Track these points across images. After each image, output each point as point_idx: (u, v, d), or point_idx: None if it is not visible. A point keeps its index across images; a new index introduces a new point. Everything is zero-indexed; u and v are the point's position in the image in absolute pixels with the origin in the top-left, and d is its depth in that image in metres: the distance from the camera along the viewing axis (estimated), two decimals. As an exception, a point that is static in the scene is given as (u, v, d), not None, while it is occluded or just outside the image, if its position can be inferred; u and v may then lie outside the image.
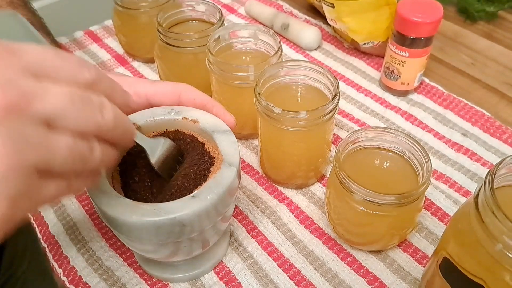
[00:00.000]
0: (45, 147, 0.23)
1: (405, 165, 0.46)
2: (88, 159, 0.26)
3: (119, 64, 0.72)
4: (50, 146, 0.24)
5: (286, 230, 0.50)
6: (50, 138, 0.24)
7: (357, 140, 0.46)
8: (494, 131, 0.59)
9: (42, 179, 0.24)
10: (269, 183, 0.55)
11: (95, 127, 0.26)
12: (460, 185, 0.53)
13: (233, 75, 0.52)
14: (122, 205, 0.35)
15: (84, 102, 0.25)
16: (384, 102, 0.64)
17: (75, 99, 0.25)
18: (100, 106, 0.27)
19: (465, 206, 0.36)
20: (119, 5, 0.66)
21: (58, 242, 0.49)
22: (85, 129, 0.26)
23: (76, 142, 0.25)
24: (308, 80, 0.51)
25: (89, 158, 0.26)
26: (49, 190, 0.25)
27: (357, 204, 0.42)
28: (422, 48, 0.59)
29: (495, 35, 0.75)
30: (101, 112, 0.26)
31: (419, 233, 0.49)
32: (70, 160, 0.25)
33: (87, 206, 0.52)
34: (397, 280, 0.45)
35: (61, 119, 0.24)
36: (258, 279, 0.46)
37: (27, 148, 0.22)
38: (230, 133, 0.41)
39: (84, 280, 0.46)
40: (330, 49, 0.74)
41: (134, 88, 0.42)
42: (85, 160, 0.26)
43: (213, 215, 0.37)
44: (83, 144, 0.26)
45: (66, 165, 0.25)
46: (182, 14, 0.64)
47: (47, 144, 0.23)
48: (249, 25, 0.57)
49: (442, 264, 0.37)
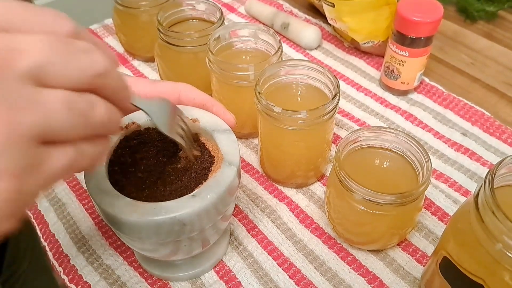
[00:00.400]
0: (38, 107, 0.20)
1: (405, 164, 0.46)
2: (90, 116, 0.23)
3: (119, 63, 0.72)
4: (43, 105, 0.20)
5: (286, 229, 0.50)
6: (41, 95, 0.21)
7: (357, 139, 0.46)
8: (493, 130, 0.59)
9: (45, 147, 0.21)
10: (269, 182, 0.55)
11: (87, 72, 0.23)
12: (459, 184, 0.54)
13: (233, 74, 0.52)
14: (122, 204, 0.35)
15: (67, 47, 0.22)
16: (384, 102, 0.64)
17: (58, 46, 0.21)
18: (88, 48, 0.23)
19: (465, 205, 0.36)
20: (119, 4, 0.66)
21: (59, 241, 0.49)
22: (77, 77, 0.22)
23: (72, 96, 0.22)
24: (308, 79, 0.52)
25: (91, 114, 0.23)
26: (57, 159, 0.22)
27: (357, 203, 0.42)
28: (422, 47, 0.59)
29: (495, 34, 0.75)
30: (90, 55, 0.23)
31: (418, 233, 0.49)
32: (70, 118, 0.22)
33: (88, 205, 0.53)
34: (396, 279, 0.45)
35: (48, 70, 0.21)
36: (258, 278, 0.46)
37: (17, 112, 0.20)
38: (230, 132, 0.41)
39: (84, 279, 0.46)
40: (330, 48, 0.74)
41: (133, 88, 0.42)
42: (87, 117, 0.23)
43: (213, 214, 0.37)
44: (81, 99, 0.22)
45: (67, 125, 0.22)
46: (183, 13, 0.64)
47: (38, 103, 0.20)
48: (250, 25, 0.57)
49: (441, 264, 0.37)
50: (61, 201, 0.53)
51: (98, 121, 0.23)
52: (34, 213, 0.52)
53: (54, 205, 0.53)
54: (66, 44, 0.22)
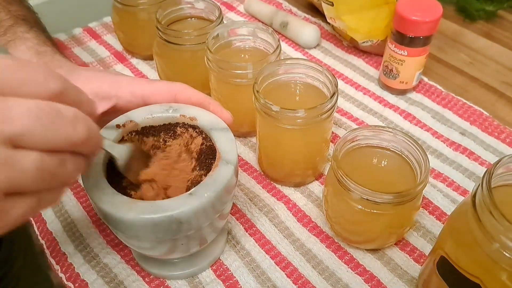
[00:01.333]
0: (10, 168, 0.22)
1: (403, 163, 0.46)
2: (58, 174, 0.25)
3: (118, 61, 0.72)
4: (16, 166, 0.23)
5: (284, 228, 0.50)
6: (15, 157, 0.22)
7: (355, 138, 0.46)
8: (492, 130, 0.59)
9: (10, 198, 0.23)
10: (267, 181, 0.55)
11: (67, 142, 0.25)
12: (457, 184, 0.54)
13: (232, 72, 0.52)
14: (119, 202, 0.35)
15: (52, 117, 0.24)
16: (382, 101, 0.64)
17: (41, 115, 0.23)
18: (73, 118, 0.25)
19: (463, 205, 0.36)
20: (118, 2, 0.66)
21: (56, 239, 0.49)
22: (55, 145, 0.24)
23: (45, 159, 0.24)
24: (307, 78, 0.51)
25: (59, 173, 0.25)
26: (19, 208, 0.24)
27: (355, 202, 0.42)
28: (421, 47, 0.59)
29: (494, 34, 0.75)
30: (73, 125, 0.25)
31: (416, 232, 0.49)
32: (39, 178, 0.24)
33: (85, 203, 0.52)
34: (394, 278, 0.45)
35: (27, 138, 0.23)
36: (256, 277, 0.46)
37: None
38: (228, 131, 0.41)
39: (82, 277, 0.46)
40: (329, 47, 0.73)
41: (130, 88, 0.42)
42: (55, 175, 0.25)
43: (211, 212, 0.37)
44: (53, 160, 0.24)
45: (35, 183, 0.24)
46: (181, 12, 0.64)
47: (12, 164, 0.22)
48: (248, 23, 0.57)
49: (439, 263, 0.37)
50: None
51: (67, 176, 0.26)
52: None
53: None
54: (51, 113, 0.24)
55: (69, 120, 0.25)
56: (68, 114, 0.25)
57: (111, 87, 0.42)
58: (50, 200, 0.26)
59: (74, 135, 0.25)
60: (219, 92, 0.57)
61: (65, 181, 0.26)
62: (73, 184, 0.29)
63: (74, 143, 0.25)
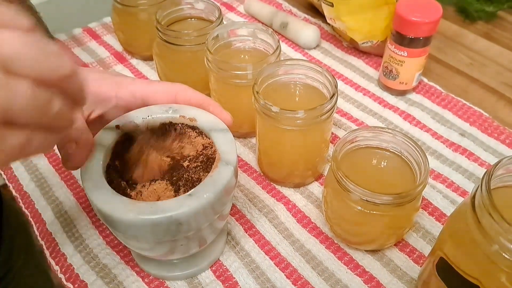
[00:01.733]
0: (5, 91, 0.23)
1: (403, 164, 0.46)
2: (47, 108, 0.25)
3: (117, 62, 0.72)
4: (10, 90, 0.23)
5: (283, 229, 0.50)
6: (8, 81, 0.23)
7: (355, 139, 0.46)
8: (492, 131, 0.59)
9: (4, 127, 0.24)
10: (267, 181, 0.55)
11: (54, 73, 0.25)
12: (457, 185, 0.54)
13: (232, 73, 0.52)
14: (118, 202, 0.35)
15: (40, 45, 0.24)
16: (382, 102, 0.64)
17: (30, 42, 0.24)
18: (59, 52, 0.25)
19: (462, 206, 0.36)
20: (118, 2, 0.66)
21: (55, 240, 0.49)
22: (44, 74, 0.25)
23: (36, 89, 0.24)
24: (307, 79, 0.51)
25: (48, 107, 0.25)
26: (13, 140, 0.24)
27: (354, 203, 0.42)
28: (420, 48, 0.59)
29: (494, 35, 0.75)
30: (60, 57, 0.25)
31: (416, 233, 0.49)
32: (31, 105, 0.24)
33: (85, 204, 0.52)
34: (393, 279, 0.45)
35: (18, 62, 0.23)
36: (255, 278, 0.46)
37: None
38: (228, 132, 0.41)
39: (81, 278, 0.46)
40: (329, 48, 0.73)
41: (130, 88, 0.42)
42: (45, 108, 0.25)
43: (210, 213, 0.37)
44: (43, 92, 0.25)
45: (26, 112, 0.24)
46: (181, 12, 0.64)
47: (6, 88, 0.23)
48: (248, 24, 0.57)
49: (438, 264, 0.37)
50: (58, 199, 0.53)
51: (54, 114, 0.26)
52: (31, 211, 0.52)
53: (51, 203, 0.53)
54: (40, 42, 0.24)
55: (56, 52, 0.25)
56: (54, 48, 0.25)
57: (111, 88, 0.42)
58: (39, 142, 0.26)
59: (61, 66, 0.25)
60: (219, 92, 0.57)
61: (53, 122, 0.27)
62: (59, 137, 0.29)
63: (61, 77, 0.26)
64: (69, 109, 0.28)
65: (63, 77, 0.26)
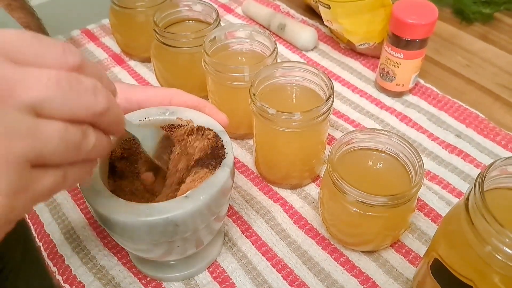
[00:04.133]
0: (34, 136, 0.22)
1: (398, 166, 0.46)
2: (81, 146, 0.25)
3: (115, 63, 0.72)
4: (40, 134, 0.23)
5: (280, 230, 0.50)
6: (38, 126, 0.23)
7: (351, 141, 0.46)
8: (488, 132, 0.60)
9: (36, 170, 0.23)
10: (264, 183, 0.55)
11: (88, 111, 0.25)
12: (453, 186, 0.54)
13: (229, 75, 0.52)
14: (115, 204, 0.35)
15: (73, 85, 0.24)
16: (379, 103, 0.65)
17: (62, 82, 0.23)
18: (93, 87, 0.25)
19: (456, 208, 0.36)
20: (116, 4, 0.66)
21: (53, 241, 0.49)
22: (77, 113, 0.24)
23: (68, 128, 0.24)
24: (303, 81, 0.52)
25: (82, 145, 0.25)
26: (46, 181, 0.24)
27: (350, 205, 0.42)
28: (417, 49, 0.59)
29: (491, 36, 0.75)
30: (94, 94, 0.25)
31: (412, 234, 0.49)
32: (63, 148, 0.24)
33: (82, 205, 0.53)
34: (389, 280, 0.46)
35: (49, 105, 0.23)
36: (252, 279, 0.46)
37: (16, 138, 0.22)
38: (224, 133, 0.41)
39: (79, 279, 0.46)
40: (326, 49, 0.74)
41: (125, 95, 0.43)
42: (78, 146, 0.25)
43: (207, 215, 0.37)
44: (76, 130, 0.24)
45: (58, 154, 0.24)
46: (179, 14, 0.64)
47: (36, 132, 0.22)
48: (245, 26, 0.57)
49: (433, 265, 0.38)
50: (56, 201, 0.53)
51: (88, 150, 0.26)
52: (29, 213, 0.52)
53: (49, 205, 0.53)
54: (72, 81, 0.24)
55: (90, 89, 0.25)
56: (88, 83, 0.25)
57: None
58: (74, 176, 0.26)
59: (95, 104, 0.25)
60: (216, 94, 0.57)
61: (89, 156, 0.26)
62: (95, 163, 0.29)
63: (95, 113, 0.25)
64: (105, 140, 0.27)
65: (97, 114, 0.25)
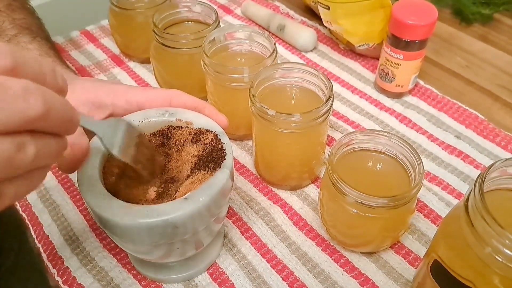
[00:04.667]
0: None
1: (398, 167, 0.46)
2: (15, 160, 0.22)
3: (115, 64, 0.72)
4: None
5: (280, 231, 0.50)
6: None
7: (351, 142, 0.46)
8: (487, 133, 0.60)
9: None
10: (264, 184, 0.55)
11: (19, 119, 0.21)
12: (453, 187, 0.54)
13: (228, 76, 0.52)
14: (114, 206, 0.35)
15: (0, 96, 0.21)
16: (378, 104, 0.65)
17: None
18: (23, 91, 0.21)
19: (456, 209, 0.36)
20: (115, 5, 0.66)
21: (53, 243, 0.49)
22: (6, 124, 0.21)
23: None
24: (303, 82, 0.52)
25: (16, 159, 0.22)
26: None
27: (350, 206, 0.42)
28: (416, 50, 0.59)
29: (490, 37, 0.75)
30: (24, 99, 0.21)
31: (411, 235, 0.49)
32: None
33: (82, 207, 0.53)
34: (389, 281, 0.46)
35: None
36: (252, 280, 0.46)
37: None
38: (224, 135, 0.41)
39: (78, 281, 0.46)
40: (326, 50, 0.74)
41: (125, 96, 0.43)
42: (12, 161, 0.22)
43: (206, 216, 0.37)
44: (7, 144, 0.21)
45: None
46: (178, 15, 0.64)
47: None
48: (245, 27, 0.57)
49: (432, 266, 0.38)
50: (55, 202, 0.53)
51: (27, 162, 0.23)
52: (28, 214, 0.52)
53: (48, 206, 0.53)
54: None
55: (18, 93, 0.21)
56: (17, 87, 0.21)
57: (107, 96, 0.43)
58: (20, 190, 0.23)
59: (27, 109, 0.21)
60: (215, 95, 0.57)
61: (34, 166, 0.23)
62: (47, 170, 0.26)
63: (29, 120, 0.22)
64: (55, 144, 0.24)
65: (33, 120, 0.22)
